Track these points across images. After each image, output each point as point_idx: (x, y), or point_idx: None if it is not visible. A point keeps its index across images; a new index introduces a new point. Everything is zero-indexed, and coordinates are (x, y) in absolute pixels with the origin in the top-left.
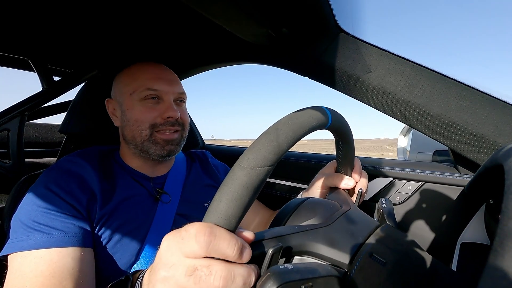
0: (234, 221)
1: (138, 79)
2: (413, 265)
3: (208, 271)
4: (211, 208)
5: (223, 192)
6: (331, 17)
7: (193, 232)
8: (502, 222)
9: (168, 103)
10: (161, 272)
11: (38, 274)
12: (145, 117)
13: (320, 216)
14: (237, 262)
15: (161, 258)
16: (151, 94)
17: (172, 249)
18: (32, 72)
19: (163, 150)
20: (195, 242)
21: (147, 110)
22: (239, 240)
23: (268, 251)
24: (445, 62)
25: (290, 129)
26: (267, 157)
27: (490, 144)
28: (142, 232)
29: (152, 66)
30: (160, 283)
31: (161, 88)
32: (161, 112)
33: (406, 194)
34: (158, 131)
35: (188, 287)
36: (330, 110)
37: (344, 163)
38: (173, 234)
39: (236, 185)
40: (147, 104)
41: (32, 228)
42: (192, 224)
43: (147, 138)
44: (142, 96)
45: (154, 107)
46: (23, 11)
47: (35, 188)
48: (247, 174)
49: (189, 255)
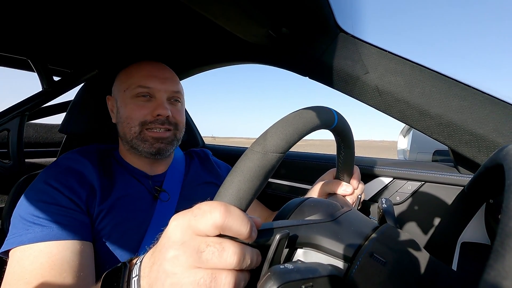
0: (244, 203)
1: (132, 77)
2: (413, 265)
3: (221, 247)
4: (223, 189)
5: (235, 174)
6: (331, 17)
7: (207, 209)
8: (502, 222)
9: (159, 100)
10: (170, 251)
11: (38, 267)
12: (135, 114)
13: (322, 213)
14: (245, 242)
15: (170, 237)
16: (143, 91)
17: (182, 227)
18: (32, 72)
19: (151, 148)
20: (210, 218)
21: (138, 108)
22: (250, 219)
23: (275, 237)
24: (445, 62)
25: (300, 122)
26: (279, 145)
27: (490, 144)
28: (141, 230)
29: (148, 64)
30: (169, 262)
31: (153, 85)
32: (151, 110)
33: (406, 194)
34: (148, 129)
35: (200, 265)
36: (337, 112)
37: (344, 169)
38: (183, 213)
39: (248, 168)
40: (138, 102)
41: (31, 222)
42: (204, 203)
43: (136, 136)
44: (134, 93)
45: (145, 105)
46: (23, 11)
47: (35, 184)
48: (260, 158)
49: (201, 233)
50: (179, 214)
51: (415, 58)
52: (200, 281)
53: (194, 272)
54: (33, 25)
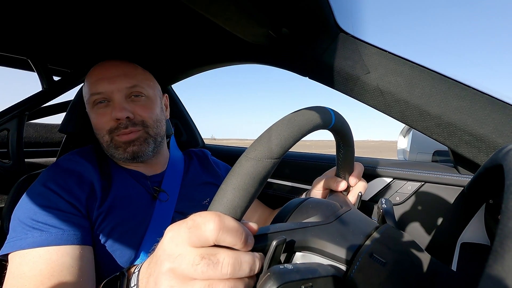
0: (239, 211)
1: (87, 85)
2: (413, 265)
3: (216, 259)
4: (217, 198)
5: (229, 182)
6: (331, 17)
7: (201, 221)
8: (502, 223)
9: (115, 103)
10: (166, 263)
11: (37, 273)
12: (100, 124)
13: (321, 215)
14: (241, 250)
15: (165, 250)
16: (98, 98)
17: (177, 239)
18: (32, 72)
19: (125, 153)
20: (204, 230)
21: (99, 116)
22: (245, 229)
23: (272, 243)
24: (445, 62)
25: (296, 124)
26: (273, 150)
27: (490, 144)
28: (140, 230)
29: (98, 67)
30: (164, 275)
31: (104, 89)
32: (111, 115)
33: (406, 194)
34: (118, 135)
35: (196, 277)
36: (334, 111)
37: (343, 167)
38: (177, 225)
39: (242, 175)
40: (98, 110)
41: (30, 227)
42: (198, 214)
43: (109, 144)
44: (91, 102)
45: (105, 111)
46: (23, 11)
47: (34, 187)
48: (254, 165)
49: (196, 245)
50: (174, 225)
51: (415, 58)
52: None
53: (191, 284)
54: (33, 25)
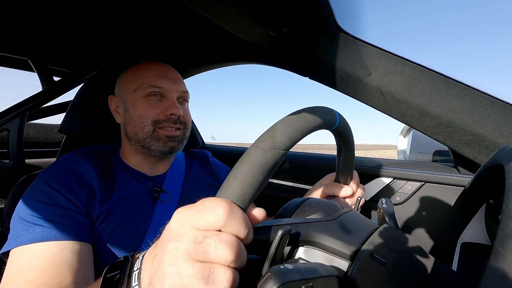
0: (247, 199)
1: (143, 77)
2: (413, 265)
3: (219, 239)
4: (226, 185)
5: (238, 170)
6: (331, 18)
7: (211, 205)
8: (503, 222)
9: (171, 100)
10: (171, 243)
11: (37, 266)
12: (148, 113)
13: (323, 213)
14: (243, 241)
15: (172, 230)
16: (155, 91)
17: (184, 221)
18: (32, 72)
19: (165, 146)
20: (213, 215)
21: (150, 107)
22: (248, 223)
23: (278, 233)
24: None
25: (304, 120)
26: (282, 141)
27: (490, 144)
28: (141, 230)
29: (157, 65)
30: (168, 254)
31: (165, 85)
32: (163, 109)
33: (406, 194)
34: (161, 128)
35: (198, 257)
36: (338, 113)
37: (344, 171)
38: (186, 208)
39: (251, 164)
40: (150, 101)
41: (31, 223)
42: (208, 198)
43: (150, 135)
44: (146, 92)
45: (157, 104)
46: (23, 11)
47: (35, 185)
48: (263, 154)
49: (202, 227)
50: (183, 208)
51: (416, 58)
52: (198, 275)
53: (193, 265)
54: (33, 25)
